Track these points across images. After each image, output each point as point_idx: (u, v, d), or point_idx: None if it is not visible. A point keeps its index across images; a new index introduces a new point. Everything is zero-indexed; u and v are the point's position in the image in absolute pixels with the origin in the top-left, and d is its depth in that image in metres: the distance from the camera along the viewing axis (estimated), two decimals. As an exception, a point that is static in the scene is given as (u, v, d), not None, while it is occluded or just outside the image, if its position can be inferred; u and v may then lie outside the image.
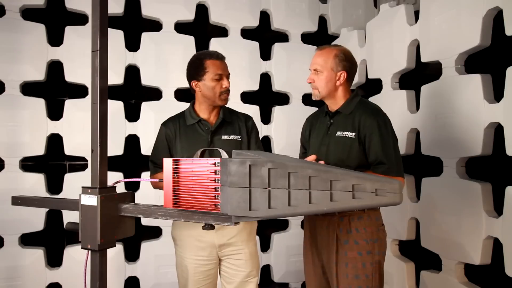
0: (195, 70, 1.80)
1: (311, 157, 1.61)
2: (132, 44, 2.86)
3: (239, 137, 1.86)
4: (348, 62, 1.73)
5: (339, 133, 1.71)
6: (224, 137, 1.82)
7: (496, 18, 1.92)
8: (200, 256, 1.80)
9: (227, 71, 1.82)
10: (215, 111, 1.85)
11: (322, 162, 1.51)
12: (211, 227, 1.15)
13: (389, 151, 1.64)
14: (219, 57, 1.81)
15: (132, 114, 2.85)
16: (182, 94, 2.91)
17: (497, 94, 1.93)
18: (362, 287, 1.64)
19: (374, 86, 2.84)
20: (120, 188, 2.08)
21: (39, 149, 2.62)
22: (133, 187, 2.81)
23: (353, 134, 1.68)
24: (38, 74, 2.64)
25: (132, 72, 2.87)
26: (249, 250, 1.84)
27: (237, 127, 1.87)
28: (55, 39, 2.72)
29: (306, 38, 3.26)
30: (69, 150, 2.69)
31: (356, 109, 1.71)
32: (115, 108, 2.74)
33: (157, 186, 1.82)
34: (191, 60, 1.85)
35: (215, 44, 2.99)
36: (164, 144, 1.85)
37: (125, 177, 2.68)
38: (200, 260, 1.80)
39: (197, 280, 1.80)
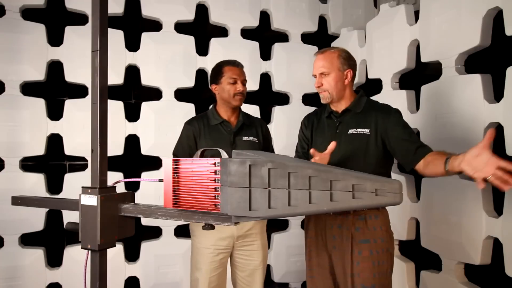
0: (214, 75, 2.05)
1: (332, 144, 1.57)
2: (132, 44, 2.86)
3: (256, 139, 2.06)
4: (351, 61, 1.78)
5: (351, 131, 1.71)
6: (245, 138, 2.02)
7: (496, 18, 1.92)
8: (219, 246, 1.97)
9: (243, 76, 2.05)
10: (235, 114, 2.06)
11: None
12: (211, 227, 1.15)
13: (415, 136, 1.68)
14: (236, 64, 2.05)
15: (132, 114, 2.85)
16: (182, 94, 2.90)
17: (497, 94, 1.92)
18: (376, 285, 1.63)
19: (374, 86, 2.84)
20: (120, 188, 2.08)
21: (39, 149, 2.62)
22: (133, 187, 2.81)
23: (368, 130, 1.68)
24: (38, 74, 2.64)
25: (132, 72, 2.87)
26: (262, 242, 2.04)
27: (254, 130, 2.09)
28: (55, 39, 2.72)
29: (306, 38, 3.26)
30: (69, 150, 2.69)
31: (367, 107, 1.74)
32: (115, 108, 2.74)
33: None
34: (213, 67, 2.09)
35: (215, 44, 2.99)
36: (191, 140, 2.00)
37: (125, 177, 2.68)
38: (219, 250, 1.97)
39: (213, 269, 1.97)
